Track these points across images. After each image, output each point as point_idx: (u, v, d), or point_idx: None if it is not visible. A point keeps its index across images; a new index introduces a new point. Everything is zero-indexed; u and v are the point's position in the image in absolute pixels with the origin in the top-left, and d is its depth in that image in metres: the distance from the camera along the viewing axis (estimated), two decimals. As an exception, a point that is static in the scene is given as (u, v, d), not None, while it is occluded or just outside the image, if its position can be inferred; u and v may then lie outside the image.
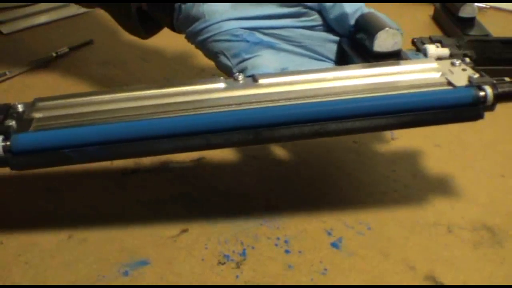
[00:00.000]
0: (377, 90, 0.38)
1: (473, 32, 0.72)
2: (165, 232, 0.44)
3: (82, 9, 0.81)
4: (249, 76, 0.40)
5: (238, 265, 0.41)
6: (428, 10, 0.84)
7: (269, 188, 0.49)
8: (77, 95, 0.39)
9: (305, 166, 0.51)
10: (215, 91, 0.39)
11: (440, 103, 0.38)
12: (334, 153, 0.53)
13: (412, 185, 0.49)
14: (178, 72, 0.67)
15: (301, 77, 0.40)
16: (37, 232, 0.44)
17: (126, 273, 0.41)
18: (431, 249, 0.43)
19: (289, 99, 0.38)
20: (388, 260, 0.42)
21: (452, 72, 0.40)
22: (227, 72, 0.45)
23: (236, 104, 0.37)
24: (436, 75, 0.40)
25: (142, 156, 0.38)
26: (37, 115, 0.38)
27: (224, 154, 0.53)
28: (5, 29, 0.75)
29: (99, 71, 0.67)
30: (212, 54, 0.46)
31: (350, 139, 0.55)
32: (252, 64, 0.43)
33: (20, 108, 0.39)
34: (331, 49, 0.47)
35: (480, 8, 0.80)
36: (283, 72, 0.42)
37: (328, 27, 0.46)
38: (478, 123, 0.58)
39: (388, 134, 0.56)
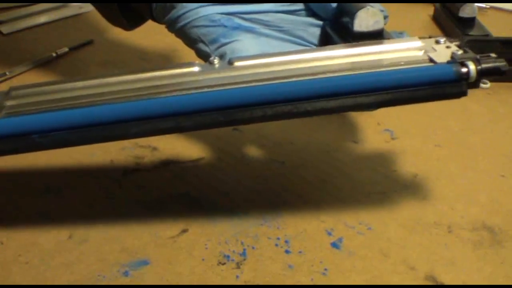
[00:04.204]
0: (354, 69, 0.37)
1: (473, 32, 0.71)
2: (165, 232, 0.44)
3: (82, 9, 0.81)
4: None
5: (238, 265, 0.41)
6: (428, 10, 0.84)
7: (269, 188, 0.49)
8: (51, 82, 0.39)
9: (305, 166, 0.51)
10: (188, 75, 0.38)
11: (419, 80, 0.36)
12: (334, 153, 0.53)
13: (412, 185, 0.49)
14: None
15: (279, 59, 0.39)
16: (37, 232, 0.44)
17: (126, 273, 0.41)
18: (431, 249, 0.43)
19: (263, 80, 0.37)
20: (388, 260, 0.42)
21: (435, 50, 0.39)
22: (206, 60, 0.44)
23: (208, 86, 0.37)
24: (418, 53, 0.39)
25: (111, 140, 0.37)
26: (9, 103, 0.38)
27: (224, 154, 0.53)
28: (5, 29, 0.75)
29: (99, 71, 0.67)
30: (190, 41, 0.45)
31: (350, 139, 0.55)
32: (231, 49, 0.42)
33: None
34: (314, 33, 0.45)
35: (480, 8, 0.80)
36: (261, 54, 0.40)
37: (310, 11, 0.45)
38: (478, 123, 0.58)
39: (388, 134, 0.56)
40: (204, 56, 0.44)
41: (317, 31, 0.46)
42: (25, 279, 0.40)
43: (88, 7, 0.80)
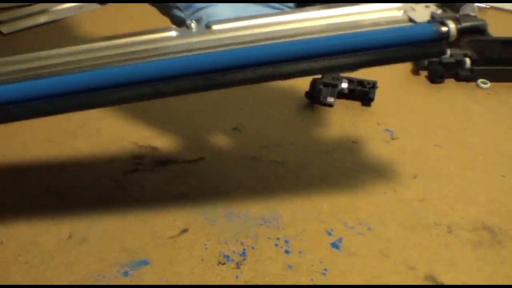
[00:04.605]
0: (336, 30, 0.37)
1: (473, 32, 0.71)
2: (165, 232, 0.44)
3: (82, 9, 0.80)
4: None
5: (238, 265, 0.41)
6: (428, 10, 0.84)
7: (269, 188, 0.49)
8: (23, 52, 0.37)
9: (305, 166, 0.51)
10: (166, 40, 0.37)
11: (400, 40, 0.37)
12: (334, 153, 0.53)
13: (412, 185, 0.49)
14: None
15: (257, 21, 0.38)
16: (37, 232, 0.44)
17: (126, 273, 0.41)
18: (431, 249, 0.43)
19: (243, 43, 0.36)
20: (388, 260, 0.42)
21: (414, 9, 0.38)
22: (182, 25, 0.43)
23: (187, 51, 0.36)
24: (398, 13, 0.39)
25: (89, 108, 0.37)
26: None
27: (224, 155, 0.53)
28: (5, 29, 0.75)
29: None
30: (165, 8, 0.44)
31: (350, 139, 0.55)
32: (207, 14, 0.42)
33: None
34: None
35: (480, 8, 0.80)
36: (238, 17, 0.40)
37: None
38: (478, 123, 0.58)
39: (388, 134, 0.56)
40: (180, 22, 0.43)
41: None
42: (25, 279, 0.40)
43: (88, 7, 0.80)
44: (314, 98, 0.59)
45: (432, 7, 0.38)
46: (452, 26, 0.36)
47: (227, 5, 0.43)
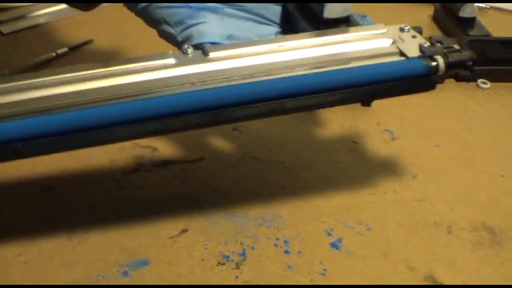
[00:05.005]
0: (331, 62, 0.38)
1: (473, 32, 0.71)
2: (165, 232, 0.44)
3: (82, 9, 0.80)
4: (197, 48, 0.39)
5: (237, 266, 0.41)
6: (428, 10, 0.84)
7: (269, 188, 0.49)
8: (17, 78, 0.36)
9: (305, 166, 0.51)
10: (165, 68, 0.37)
11: (394, 76, 0.38)
12: (334, 154, 0.53)
13: (412, 185, 0.49)
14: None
15: (252, 49, 0.39)
16: (36, 232, 0.44)
17: (126, 273, 0.41)
18: (431, 249, 0.43)
19: (244, 76, 0.37)
20: (388, 261, 0.42)
21: (402, 40, 0.40)
22: (170, 41, 0.44)
23: (189, 83, 0.36)
24: (387, 43, 0.40)
25: (98, 145, 0.37)
26: None
27: (224, 154, 0.53)
28: (5, 29, 0.75)
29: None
30: (154, 22, 0.44)
31: (350, 139, 0.55)
32: (197, 31, 0.42)
33: None
34: (275, 12, 0.46)
35: (480, 8, 0.80)
36: (233, 44, 0.40)
37: None
38: (478, 124, 0.58)
39: (388, 134, 0.56)
40: (169, 37, 0.44)
41: (277, 10, 0.46)
42: (24, 279, 0.40)
43: (88, 7, 0.80)
44: (314, 98, 0.59)
45: (419, 38, 0.40)
46: (441, 61, 0.38)
47: (217, 22, 0.43)
